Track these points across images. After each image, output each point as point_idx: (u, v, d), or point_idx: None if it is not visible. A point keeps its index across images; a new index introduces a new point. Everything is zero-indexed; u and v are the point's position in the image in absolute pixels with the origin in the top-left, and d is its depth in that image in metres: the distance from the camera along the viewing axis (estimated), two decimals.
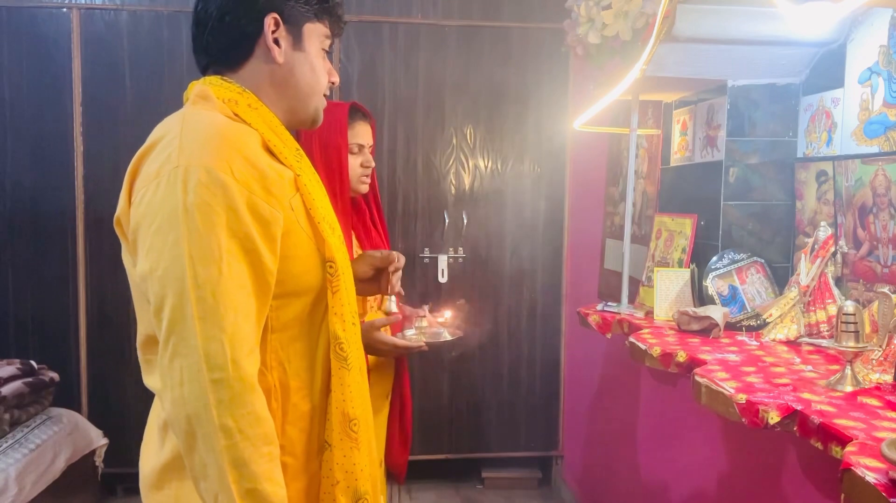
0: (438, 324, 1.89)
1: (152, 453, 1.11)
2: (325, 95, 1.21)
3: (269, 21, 1.10)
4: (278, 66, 1.12)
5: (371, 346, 1.72)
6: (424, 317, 1.89)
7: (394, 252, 1.43)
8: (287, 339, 1.08)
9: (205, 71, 1.16)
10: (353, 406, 1.11)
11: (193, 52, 1.16)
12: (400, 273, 1.45)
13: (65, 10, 3.13)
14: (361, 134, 1.85)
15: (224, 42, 1.12)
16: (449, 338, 1.86)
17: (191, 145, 0.99)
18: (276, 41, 1.11)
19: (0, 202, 3.16)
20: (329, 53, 1.22)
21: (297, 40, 1.14)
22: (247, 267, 0.99)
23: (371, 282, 1.44)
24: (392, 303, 1.43)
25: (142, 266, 1.00)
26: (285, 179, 1.06)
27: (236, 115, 1.09)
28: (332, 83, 1.22)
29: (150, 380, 1.10)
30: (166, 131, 1.04)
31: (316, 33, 1.16)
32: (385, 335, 1.73)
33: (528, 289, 3.49)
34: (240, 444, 0.95)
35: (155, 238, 0.98)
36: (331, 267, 1.09)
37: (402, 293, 1.49)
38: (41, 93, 3.14)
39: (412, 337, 1.82)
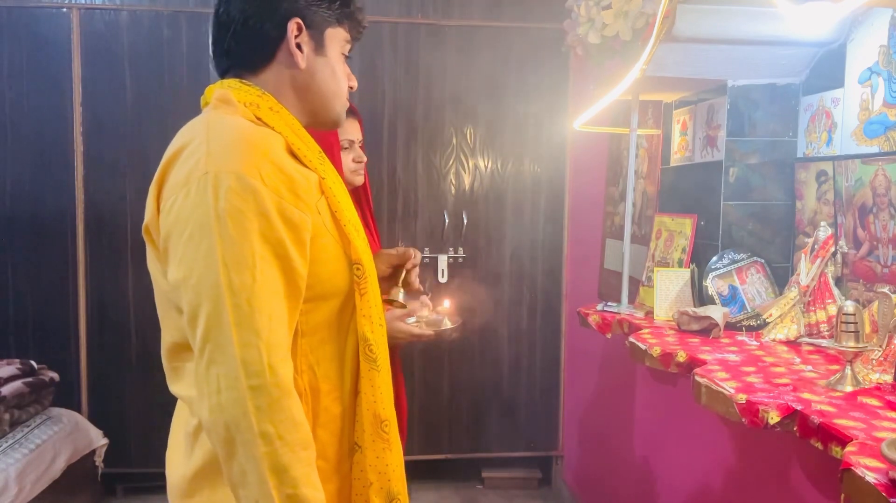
0: (437, 313, 1.95)
1: (181, 461, 1.10)
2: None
3: (292, 26, 1.10)
4: (300, 70, 1.12)
5: (390, 335, 1.78)
6: (426, 306, 1.94)
7: (410, 248, 1.43)
8: (316, 343, 1.08)
9: (224, 74, 1.15)
10: (384, 407, 1.11)
11: (213, 56, 1.16)
12: (418, 269, 1.45)
13: (65, 10, 3.13)
14: (350, 130, 1.88)
15: (246, 46, 1.12)
16: (450, 325, 1.93)
17: (218, 151, 0.99)
18: (299, 46, 1.11)
19: (0, 202, 3.16)
20: (348, 58, 1.21)
21: (318, 45, 1.14)
22: (279, 272, 0.99)
23: (388, 281, 1.44)
24: (400, 294, 1.43)
25: (174, 274, 1.00)
26: (311, 183, 1.06)
27: (258, 118, 1.08)
28: (351, 88, 1.22)
29: (177, 387, 1.09)
30: (192, 137, 1.03)
31: (337, 38, 1.16)
32: (404, 324, 1.78)
33: (528, 289, 3.49)
34: (279, 450, 0.95)
35: (187, 246, 0.97)
36: (358, 269, 1.09)
37: (422, 289, 1.49)
38: (41, 93, 3.14)
39: (413, 326, 1.87)
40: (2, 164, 3.15)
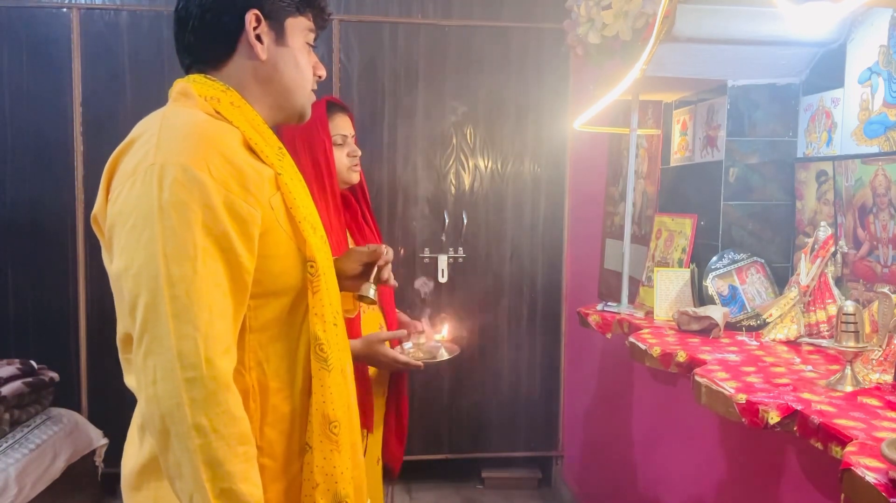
0: (436, 341, 1.92)
1: (132, 453, 1.10)
2: (313, 90, 1.20)
3: (251, 17, 1.09)
4: (261, 62, 1.12)
5: (372, 358, 1.76)
6: (423, 332, 1.91)
7: (381, 245, 1.41)
8: (266, 340, 1.07)
9: (188, 70, 1.15)
10: (334, 408, 1.09)
11: (176, 52, 1.15)
12: (390, 266, 1.43)
13: (65, 10, 3.13)
14: (342, 125, 1.87)
15: (206, 41, 1.11)
16: (446, 356, 1.91)
17: (168, 143, 0.99)
18: (259, 37, 1.11)
19: (0, 202, 3.16)
20: (314, 47, 1.20)
21: (279, 36, 1.13)
22: (222, 265, 0.98)
23: (360, 279, 1.41)
24: (371, 290, 1.41)
25: (116, 264, 1.00)
26: (265, 178, 1.06)
27: (218, 112, 1.08)
28: (319, 77, 1.20)
29: (130, 380, 1.09)
30: (145, 129, 1.03)
31: (299, 28, 1.15)
32: (387, 349, 1.76)
33: (528, 289, 3.49)
34: (214, 444, 0.94)
35: (130, 236, 0.98)
36: (311, 267, 1.08)
37: (396, 285, 1.47)
38: (41, 93, 3.14)
39: (410, 352, 1.85)
40: (2, 163, 3.15)
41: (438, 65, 3.33)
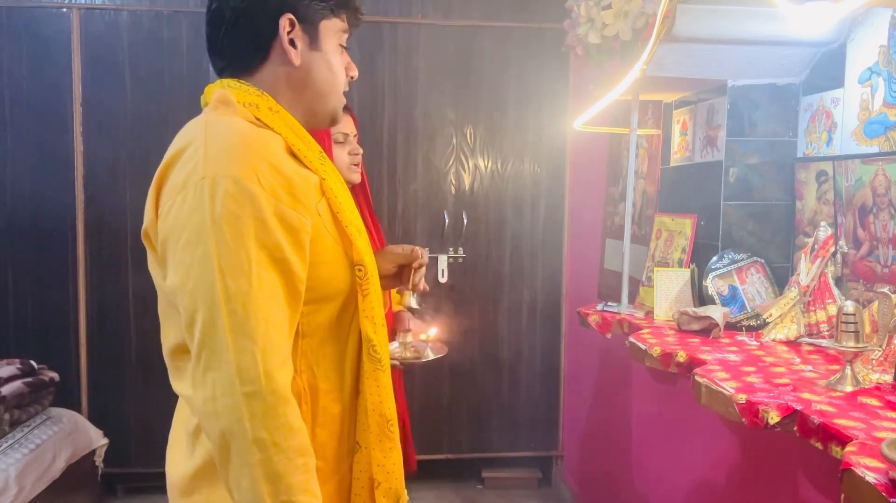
0: (420, 341, 1.88)
1: (182, 459, 1.10)
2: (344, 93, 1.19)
3: (284, 22, 1.08)
4: (295, 67, 1.10)
5: None
6: (409, 331, 1.87)
7: (417, 248, 1.39)
8: (317, 344, 1.08)
9: (221, 73, 1.13)
10: (389, 407, 1.11)
11: (209, 54, 1.14)
12: (424, 269, 1.42)
13: (65, 10, 3.13)
14: (343, 123, 1.85)
15: (239, 45, 1.10)
16: (431, 355, 1.85)
17: (216, 154, 0.98)
18: (293, 42, 1.09)
19: (0, 202, 3.16)
20: (346, 48, 1.18)
21: (313, 39, 1.11)
22: (277, 276, 0.98)
23: (393, 278, 1.40)
24: (413, 299, 1.41)
25: (172, 280, 0.99)
26: (311, 184, 1.05)
27: (258, 119, 1.07)
28: (352, 78, 1.19)
29: (179, 386, 1.09)
30: (191, 140, 1.02)
31: (333, 30, 1.13)
32: None
33: (528, 289, 3.49)
34: (274, 458, 0.94)
35: (184, 251, 0.97)
36: (360, 270, 1.08)
37: (428, 289, 1.46)
38: (41, 93, 3.14)
39: (396, 351, 1.81)
40: (2, 164, 3.15)
41: (438, 65, 3.34)
